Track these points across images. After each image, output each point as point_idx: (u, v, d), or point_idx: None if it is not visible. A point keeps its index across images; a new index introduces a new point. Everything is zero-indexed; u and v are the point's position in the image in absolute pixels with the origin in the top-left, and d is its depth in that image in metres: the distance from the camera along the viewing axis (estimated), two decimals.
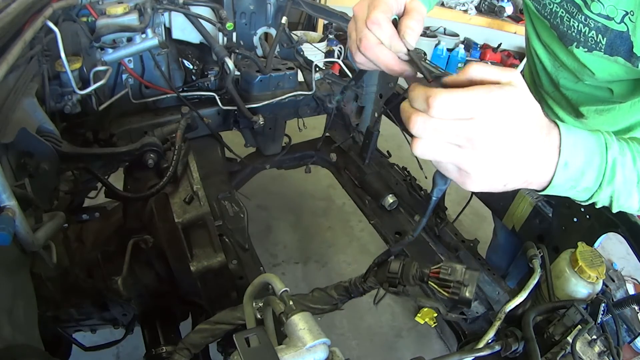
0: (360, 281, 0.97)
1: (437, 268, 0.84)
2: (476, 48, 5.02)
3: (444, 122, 0.50)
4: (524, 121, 0.52)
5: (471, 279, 0.80)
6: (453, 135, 0.51)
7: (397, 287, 0.89)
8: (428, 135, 0.52)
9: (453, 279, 0.81)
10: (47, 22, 1.04)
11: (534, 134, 0.54)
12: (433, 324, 2.29)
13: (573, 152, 0.58)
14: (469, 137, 0.50)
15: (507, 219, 1.35)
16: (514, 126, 0.51)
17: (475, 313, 1.18)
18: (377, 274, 0.94)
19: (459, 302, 0.80)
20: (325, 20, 2.38)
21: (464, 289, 0.79)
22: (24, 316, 0.73)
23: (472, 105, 0.49)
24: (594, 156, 0.60)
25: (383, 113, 1.76)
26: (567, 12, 1.04)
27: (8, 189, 0.68)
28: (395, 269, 0.89)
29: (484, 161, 0.52)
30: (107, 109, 1.38)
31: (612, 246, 2.81)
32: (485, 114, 0.49)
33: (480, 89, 0.49)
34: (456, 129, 0.50)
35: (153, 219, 1.14)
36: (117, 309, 1.18)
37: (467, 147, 0.51)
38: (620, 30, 0.94)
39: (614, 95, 1.13)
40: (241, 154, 1.90)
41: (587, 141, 0.60)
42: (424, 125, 0.51)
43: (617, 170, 0.60)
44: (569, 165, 0.58)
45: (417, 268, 0.87)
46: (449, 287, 0.81)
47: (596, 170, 0.60)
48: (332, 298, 0.98)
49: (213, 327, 0.93)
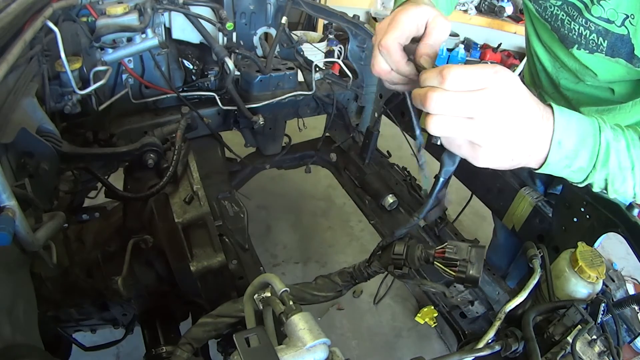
0: (365, 266, 0.95)
1: (442, 248, 0.82)
2: (476, 48, 5.01)
3: (457, 95, 0.55)
4: (524, 95, 0.58)
5: (478, 255, 0.78)
6: (466, 106, 0.55)
7: (402, 269, 0.87)
8: (443, 110, 0.56)
9: (459, 257, 0.79)
10: (47, 22, 1.04)
11: (533, 109, 0.59)
12: (433, 324, 2.29)
13: (567, 132, 0.62)
14: (481, 107, 0.55)
15: (507, 219, 1.35)
16: (519, 98, 0.57)
17: (475, 313, 1.18)
18: (381, 257, 0.92)
19: (465, 281, 0.78)
20: (325, 20, 2.38)
21: (470, 267, 0.77)
22: (24, 316, 0.73)
23: (483, 76, 0.55)
24: (587, 137, 0.63)
25: (383, 113, 1.76)
26: (568, 15, 1.04)
27: (8, 189, 0.68)
28: (400, 250, 0.87)
29: (493, 132, 0.56)
30: (107, 109, 1.38)
31: (612, 246, 2.81)
32: (496, 84, 0.55)
33: (487, 65, 0.55)
34: (469, 100, 0.55)
35: (153, 219, 1.14)
36: (117, 309, 1.19)
37: (479, 118, 0.56)
38: (621, 33, 0.95)
39: (615, 95, 1.13)
40: (241, 154, 1.90)
41: (580, 123, 0.63)
42: (439, 99, 0.55)
43: (611, 154, 0.63)
44: (562, 144, 0.61)
45: (422, 249, 0.85)
46: (456, 265, 0.79)
47: (589, 151, 0.63)
48: (336, 285, 0.97)
49: (215, 320, 0.92)
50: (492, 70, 0.55)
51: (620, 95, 1.12)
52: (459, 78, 0.54)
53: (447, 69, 0.55)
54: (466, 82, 0.55)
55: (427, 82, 0.58)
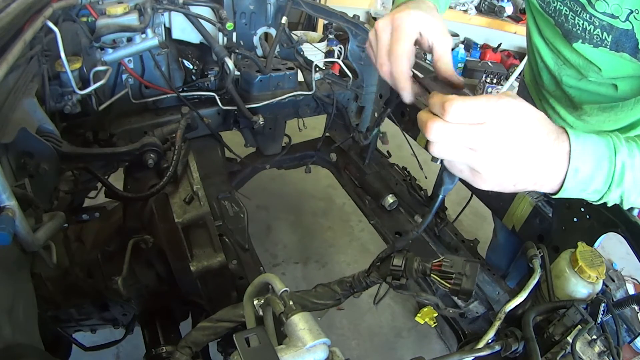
0: (364, 276, 0.97)
1: (439, 261, 0.86)
2: (476, 48, 5.02)
3: (458, 127, 0.55)
4: (531, 125, 0.57)
5: (472, 270, 0.82)
6: (466, 139, 0.55)
7: (400, 280, 0.91)
8: (443, 140, 0.56)
9: (454, 270, 0.83)
10: (47, 22, 1.04)
11: (542, 138, 0.58)
12: (433, 324, 2.29)
13: (582, 158, 0.60)
14: (480, 141, 0.55)
15: (507, 219, 1.35)
16: (522, 129, 0.56)
17: (475, 313, 1.18)
18: (379, 269, 0.95)
19: (460, 293, 0.82)
20: (325, 20, 2.38)
21: (465, 280, 0.81)
22: (24, 316, 0.73)
23: (483, 110, 0.54)
24: (603, 161, 0.62)
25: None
26: (571, 10, 1.04)
27: (8, 189, 0.68)
28: (399, 263, 0.91)
29: (494, 162, 0.56)
30: (107, 109, 1.38)
31: (612, 246, 2.81)
32: (495, 119, 0.54)
33: (490, 96, 0.55)
34: (469, 133, 0.55)
35: (153, 219, 1.14)
36: (117, 309, 1.19)
37: (479, 150, 0.56)
38: (626, 28, 0.94)
39: (618, 92, 1.12)
40: (241, 154, 1.90)
41: (596, 147, 0.62)
42: (440, 131, 0.55)
43: (626, 173, 0.62)
44: (579, 171, 0.60)
45: (419, 262, 0.89)
46: (451, 278, 0.83)
47: (605, 175, 0.62)
48: (335, 293, 0.99)
49: (215, 324, 0.93)
50: (495, 102, 0.54)
51: (624, 92, 1.11)
52: (459, 111, 0.54)
53: (448, 101, 0.54)
54: (467, 116, 0.54)
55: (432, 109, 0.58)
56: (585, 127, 1.27)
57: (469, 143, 0.55)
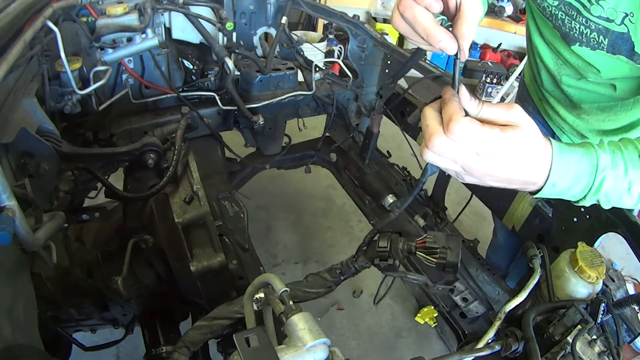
0: (352, 261, 1.00)
1: (423, 239, 0.90)
2: (476, 48, 5.02)
3: (457, 148, 0.57)
4: (523, 155, 0.60)
5: (455, 243, 0.86)
6: (463, 161, 0.58)
7: (387, 261, 0.94)
8: (439, 154, 0.59)
9: (439, 245, 0.87)
10: (47, 22, 1.04)
11: (530, 160, 0.61)
12: (433, 324, 2.29)
13: (562, 175, 0.64)
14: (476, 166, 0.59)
15: (507, 219, 1.35)
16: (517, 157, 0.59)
17: (475, 313, 1.18)
18: (366, 252, 0.98)
19: (446, 266, 0.86)
20: (325, 20, 2.38)
21: (450, 253, 0.85)
22: (24, 316, 0.73)
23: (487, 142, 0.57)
24: (583, 177, 0.65)
25: (383, 113, 1.76)
26: (567, 14, 1.04)
27: (8, 189, 0.68)
28: (384, 244, 0.93)
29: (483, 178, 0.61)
30: (107, 109, 1.38)
31: (612, 246, 2.81)
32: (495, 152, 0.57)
33: (497, 127, 0.57)
34: (468, 158, 0.58)
35: (153, 219, 1.14)
36: (117, 309, 1.18)
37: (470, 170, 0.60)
38: (621, 31, 0.95)
39: (617, 92, 1.12)
40: (241, 154, 1.90)
41: (578, 165, 0.64)
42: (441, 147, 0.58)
43: (604, 185, 0.65)
44: (556, 185, 0.64)
45: (404, 241, 0.92)
46: (436, 253, 0.86)
47: (582, 188, 0.66)
48: (326, 281, 1.02)
49: (211, 323, 0.94)
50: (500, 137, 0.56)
51: (623, 92, 1.11)
52: (463, 136, 0.56)
53: (454, 122, 0.56)
54: (469, 142, 0.57)
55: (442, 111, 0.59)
56: (585, 126, 1.27)
57: (465, 165, 0.59)
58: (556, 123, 1.37)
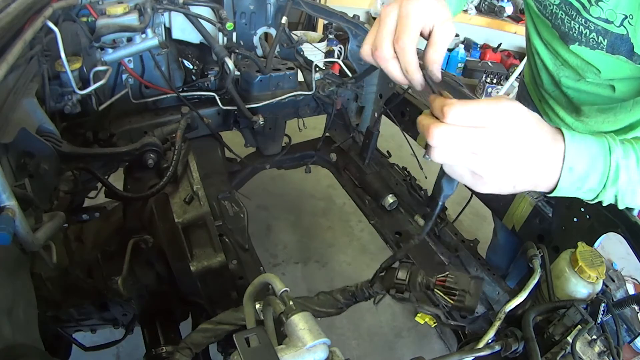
0: (367, 286, 0.98)
1: (444, 277, 0.87)
2: (476, 48, 5.02)
3: (459, 131, 0.55)
4: (529, 127, 0.58)
5: (476, 287, 0.83)
6: (467, 143, 0.56)
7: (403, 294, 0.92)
8: (445, 144, 0.56)
9: (458, 287, 0.84)
10: (47, 22, 1.04)
11: (539, 139, 0.59)
12: (433, 324, 2.29)
13: (577, 157, 0.61)
14: (482, 144, 0.55)
15: (507, 219, 1.35)
16: (521, 131, 0.57)
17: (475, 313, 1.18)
18: (383, 279, 0.96)
19: (462, 310, 0.83)
20: (325, 20, 2.38)
21: (468, 298, 0.82)
22: (24, 316, 0.73)
23: (483, 114, 0.55)
24: (598, 160, 0.62)
25: (383, 113, 1.76)
26: (567, 14, 1.04)
27: (8, 189, 0.68)
28: (403, 276, 0.91)
29: (495, 165, 0.57)
30: (107, 109, 1.38)
31: (612, 246, 2.81)
32: (495, 122, 0.55)
33: (490, 100, 0.56)
34: (470, 136, 0.55)
35: (153, 219, 1.14)
36: (117, 309, 1.18)
37: (481, 153, 0.56)
38: (620, 33, 0.95)
39: (616, 93, 1.12)
40: (241, 154, 1.90)
41: (590, 147, 0.62)
42: (442, 134, 0.55)
43: (621, 173, 0.63)
44: (573, 170, 0.61)
45: (423, 276, 0.90)
46: (454, 295, 0.84)
47: (600, 173, 0.63)
48: (337, 302, 1.00)
49: (215, 327, 0.94)
50: (494, 106, 0.55)
51: (622, 93, 1.11)
52: (459, 115, 0.55)
53: (447, 106, 0.55)
54: (466, 119, 0.55)
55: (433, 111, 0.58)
56: (584, 128, 1.27)
57: (471, 147, 0.56)
58: (555, 124, 1.37)
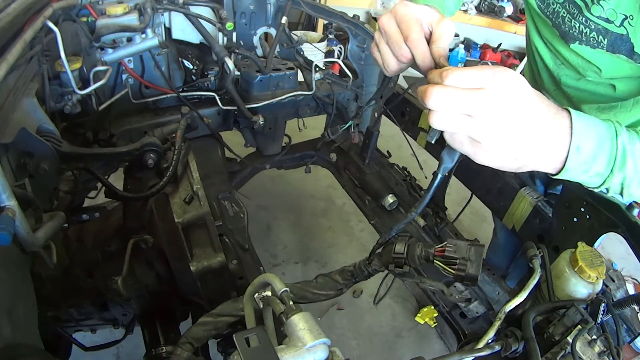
0: (365, 264, 0.95)
1: (442, 246, 0.83)
2: (476, 48, 5.02)
3: (456, 92, 0.56)
4: (529, 95, 0.57)
5: (477, 254, 0.79)
6: (464, 104, 0.56)
7: (403, 268, 0.88)
8: (441, 106, 0.57)
9: (458, 255, 0.80)
10: (47, 22, 1.04)
11: (541, 109, 0.58)
12: (433, 324, 2.29)
13: (585, 136, 0.60)
14: (480, 105, 0.55)
15: (507, 219, 1.35)
16: (520, 97, 0.56)
17: (475, 313, 1.18)
18: (381, 256, 0.93)
19: (465, 279, 0.79)
20: (325, 20, 2.38)
21: (469, 265, 0.78)
22: (24, 316, 0.73)
23: (481, 76, 0.56)
24: (605, 141, 0.61)
25: (383, 113, 1.76)
26: (569, 12, 1.04)
27: (8, 189, 0.68)
28: (401, 249, 0.88)
29: (494, 130, 0.56)
30: (107, 109, 1.38)
31: (612, 246, 2.81)
32: (494, 85, 0.55)
33: (488, 67, 0.56)
34: (467, 98, 0.56)
35: (153, 219, 1.14)
36: (117, 309, 1.19)
37: (479, 116, 0.56)
38: (620, 33, 0.95)
39: (616, 92, 1.12)
40: (241, 154, 1.90)
41: (597, 127, 0.61)
42: (438, 95, 0.56)
43: (628, 157, 0.62)
44: (581, 149, 0.60)
45: (422, 247, 0.87)
46: (455, 264, 0.80)
47: (607, 155, 0.62)
48: (337, 283, 0.97)
49: (215, 319, 0.92)
50: (492, 71, 0.56)
51: (622, 92, 1.11)
52: (457, 77, 0.56)
53: (446, 70, 0.57)
54: (465, 82, 0.56)
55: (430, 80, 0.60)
56: None
57: (469, 108, 0.56)
58: None
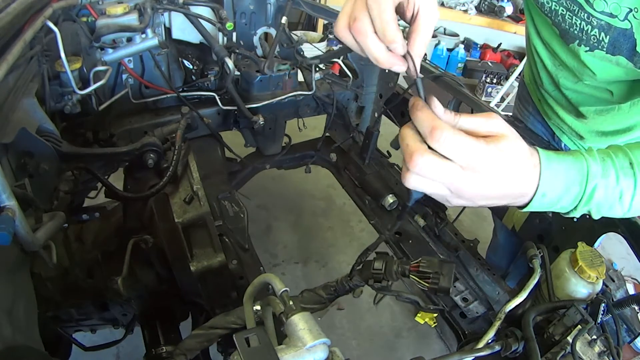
0: (347, 280, 1.02)
1: (417, 262, 0.91)
2: (476, 48, 5.02)
3: (445, 166, 0.54)
4: (511, 167, 0.57)
5: (448, 269, 0.87)
6: (451, 180, 0.55)
7: (381, 282, 0.96)
8: (425, 174, 0.55)
9: (431, 270, 0.88)
10: (47, 22, 1.04)
11: (521, 171, 0.58)
12: (433, 324, 2.29)
13: (551, 184, 0.61)
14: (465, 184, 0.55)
15: (507, 219, 1.35)
16: (505, 170, 0.56)
17: (475, 313, 1.18)
18: (361, 272, 1.00)
19: (438, 291, 0.87)
20: (325, 20, 2.38)
21: (442, 279, 0.86)
22: (24, 316, 0.73)
23: (475, 154, 0.54)
24: (573, 186, 0.62)
25: (383, 113, 1.76)
26: (568, 10, 1.03)
27: (8, 189, 0.68)
28: (380, 266, 0.95)
29: (469, 196, 0.58)
30: (107, 109, 1.38)
31: (612, 246, 2.81)
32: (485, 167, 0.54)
33: (481, 139, 0.55)
34: (455, 175, 0.54)
35: (153, 219, 1.14)
36: (117, 309, 1.19)
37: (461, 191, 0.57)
38: (624, 27, 0.94)
39: (613, 96, 1.12)
40: (241, 154, 1.90)
41: (568, 172, 0.61)
42: (425, 165, 0.54)
43: (596, 194, 0.62)
44: (546, 196, 0.61)
45: (398, 264, 0.94)
46: (429, 278, 0.88)
47: (573, 197, 0.63)
48: (321, 297, 1.03)
49: (207, 332, 0.96)
50: (486, 148, 0.54)
51: (619, 96, 1.11)
52: (449, 146, 0.53)
53: (439, 129, 0.53)
54: (456, 155, 0.53)
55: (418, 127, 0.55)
56: (585, 128, 1.27)
57: (452, 185, 0.56)
58: (556, 123, 1.37)
